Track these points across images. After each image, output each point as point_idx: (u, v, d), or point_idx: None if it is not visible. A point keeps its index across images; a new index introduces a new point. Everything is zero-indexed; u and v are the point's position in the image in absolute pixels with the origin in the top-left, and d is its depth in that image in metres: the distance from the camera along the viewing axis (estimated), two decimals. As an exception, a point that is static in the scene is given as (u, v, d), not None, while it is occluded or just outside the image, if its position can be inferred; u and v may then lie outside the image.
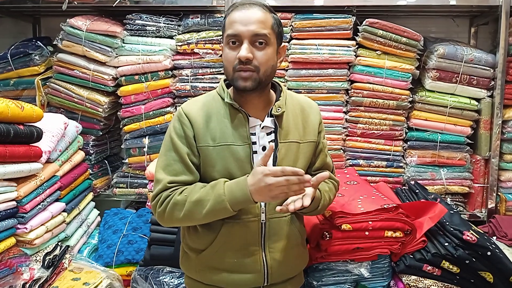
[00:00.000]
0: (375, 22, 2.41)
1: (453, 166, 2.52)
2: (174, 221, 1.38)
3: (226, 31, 1.36)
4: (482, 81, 2.43)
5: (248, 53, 1.31)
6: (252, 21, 1.33)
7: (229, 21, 1.36)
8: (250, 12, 1.34)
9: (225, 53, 1.38)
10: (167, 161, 1.41)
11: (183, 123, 1.41)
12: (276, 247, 1.44)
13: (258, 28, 1.33)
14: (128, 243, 2.24)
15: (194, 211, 1.32)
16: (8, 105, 1.75)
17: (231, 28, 1.34)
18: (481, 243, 1.76)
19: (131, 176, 2.72)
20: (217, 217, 1.35)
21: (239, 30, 1.32)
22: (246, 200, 1.29)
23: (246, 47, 1.32)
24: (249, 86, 1.35)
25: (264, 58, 1.35)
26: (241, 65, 1.33)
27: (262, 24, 1.34)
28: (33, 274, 1.80)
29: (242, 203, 1.31)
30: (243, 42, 1.33)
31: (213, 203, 1.31)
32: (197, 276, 1.48)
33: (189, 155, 1.39)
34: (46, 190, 2.01)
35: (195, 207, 1.32)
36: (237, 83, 1.36)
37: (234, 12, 1.36)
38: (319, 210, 1.48)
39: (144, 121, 2.62)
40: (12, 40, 2.86)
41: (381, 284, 1.90)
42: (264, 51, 1.35)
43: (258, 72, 1.34)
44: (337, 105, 2.54)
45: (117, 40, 2.54)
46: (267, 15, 1.37)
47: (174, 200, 1.35)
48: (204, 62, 2.56)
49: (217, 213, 1.33)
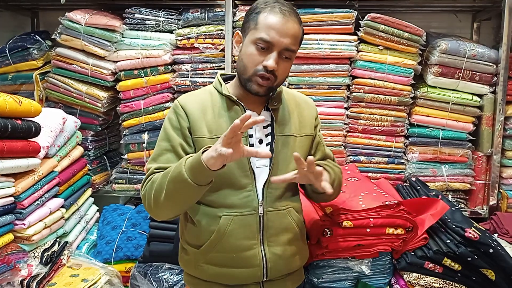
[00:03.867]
0: (377, 17, 2.39)
1: (455, 162, 2.50)
2: (152, 205, 1.34)
3: (259, 32, 1.34)
4: (485, 77, 2.41)
5: (275, 64, 1.33)
6: (289, 34, 1.34)
7: (265, 24, 1.33)
8: (289, 24, 1.34)
9: (249, 52, 1.36)
10: (159, 151, 1.42)
11: (179, 114, 1.42)
12: (275, 241, 1.43)
13: (292, 43, 1.35)
14: (127, 239, 2.23)
15: (161, 184, 1.30)
16: (5, 100, 1.73)
17: (265, 33, 1.33)
18: (483, 240, 1.74)
19: (130, 172, 2.70)
20: (178, 189, 1.27)
21: (275, 39, 1.32)
22: (197, 160, 1.22)
23: (275, 58, 1.33)
24: (262, 92, 1.38)
25: (285, 71, 1.39)
26: (264, 72, 1.34)
27: (295, 40, 1.37)
28: (31, 270, 1.79)
29: (195, 165, 1.23)
30: (273, 51, 1.33)
31: (174, 168, 1.29)
32: (196, 272, 1.47)
33: (182, 146, 1.39)
34: (44, 186, 2.00)
35: (162, 179, 1.31)
36: (251, 86, 1.37)
37: (272, 15, 1.34)
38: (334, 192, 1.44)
39: (144, 116, 2.60)
40: (10, 34, 2.84)
41: (382, 281, 1.89)
42: (287, 64, 1.39)
43: (274, 81, 1.37)
44: (338, 101, 2.52)
45: (116, 34, 2.52)
46: (300, 29, 1.40)
47: (152, 179, 1.35)
48: (204, 57, 2.54)
49: (176, 181, 1.26)
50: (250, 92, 1.39)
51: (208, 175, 1.24)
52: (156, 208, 1.36)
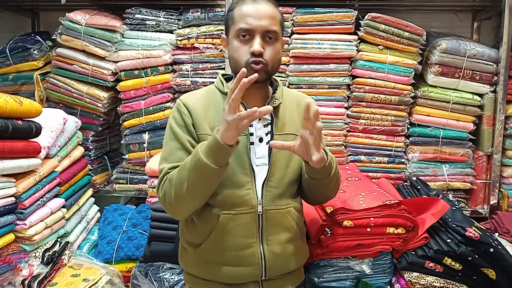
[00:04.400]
0: (377, 16, 2.39)
1: (455, 162, 2.50)
2: (173, 202, 1.35)
3: (237, 25, 1.38)
4: (485, 76, 2.41)
5: (262, 47, 1.35)
6: (265, 16, 1.36)
7: (240, 15, 1.37)
8: (261, 7, 1.37)
9: (235, 47, 1.39)
10: (169, 150, 1.42)
11: (182, 112, 1.43)
12: (274, 240, 1.43)
13: (270, 24, 1.37)
14: (128, 239, 2.23)
15: (181, 177, 1.30)
16: (6, 100, 1.73)
17: (243, 22, 1.36)
18: (483, 239, 1.74)
19: (131, 172, 2.71)
20: (199, 176, 1.28)
21: (253, 24, 1.35)
22: (214, 140, 1.24)
23: (259, 42, 1.35)
24: (260, 78, 1.36)
25: (274, 53, 1.39)
26: (254, 58, 1.35)
27: (273, 20, 1.38)
28: (32, 270, 1.79)
29: (213, 146, 1.25)
30: (255, 36, 1.36)
31: (191, 157, 1.30)
32: (196, 271, 1.47)
33: (190, 142, 1.40)
34: (45, 186, 2.00)
35: (180, 173, 1.31)
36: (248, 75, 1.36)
37: (244, 5, 1.38)
38: (333, 177, 1.43)
39: (144, 116, 2.60)
40: (10, 35, 2.84)
41: (383, 280, 1.89)
42: (273, 46, 1.39)
43: (268, 65, 1.38)
44: (338, 101, 2.52)
45: (116, 35, 2.52)
46: (275, 10, 1.41)
47: (169, 177, 1.36)
48: (205, 57, 2.54)
49: (196, 168, 1.27)
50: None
51: (226, 153, 1.26)
52: (179, 203, 1.35)
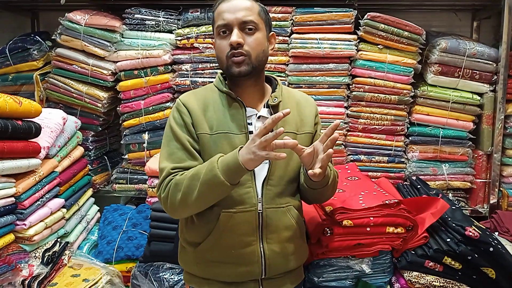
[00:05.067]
0: (377, 16, 2.39)
1: (455, 161, 2.50)
2: (176, 206, 1.36)
3: (216, 23, 1.42)
4: (485, 76, 2.41)
5: (238, 38, 1.37)
6: (239, 8, 1.39)
7: (218, 13, 1.42)
8: (236, 2, 1.40)
9: (217, 44, 1.43)
10: (170, 150, 1.42)
11: (181, 111, 1.44)
12: (274, 238, 1.43)
13: (246, 15, 1.39)
14: (128, 239, 2.24)
15: (191, 187, 1.31)
16: (6, 100, 1.73)
17: (220, 19, 1.40)
18: (483, 239, 1.74)
19: (131, 172, 2.71)
20: (211, 191, 1.31)
21: (228, 18, 1.38)
22: (235, 162, 1.26)
23: (237, 33, 1.38)
24: (244, 70, 1.39)
25: (255, 43, 1.40)
26: (233, 50, 1.37)
27: (249, 11, 1.40)
28: (32, 270, 1.79)
29: (232, 167, 1.27)
30: (233, 29, 1.38)
31: (206, 171, 1.30)
32: (195, 270, 1.48)
33: (190, 142, 1.41)
34: (45, 186, 2.00)
35: (191, 182, 1.32)
36: (231, 69, 1.40)
37: (221, 4, 1.42)
38: (329, 187, 1.46)
39: (144, 116, 2.60)
40: (10, 35, 2.84)
41: (383, 280, 1.89)
42: (254, 36, 1.41)
43: (250, 57, 1.39)
44: (338, 100, 2.52)
45: (116, 35, 2.52)
46: (253, 3, 1.43)
47: (175, 180, 1.36)
48: (204, 56, 2.54)
49: (210, 184, 1.29)
50: (235, 75, 1.40)
51: (243, 174, 1.30)
52: (182, 208, 1.37)
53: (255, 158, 1.24)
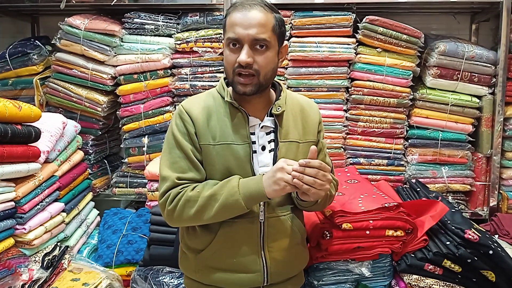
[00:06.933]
0: (375, 19, 2.40)
1: (455, 164, 2.50)
2: (183, 219, 1.36)
3: (227, 33, 1.35)
4: (484, 78, 2.41)
5: (248, 58, 1.31)
6: (253, 24, 1.31)
7: (230, 23, 1.34)
8: (251, 14, 1.32)
9: (225, 55, 1.38)
10: (173, 158, 1.40)
11: (185, 120, 1.41)
12: (275, 246, 1.43)
13: (259, 32, 1.31)
14: (128, 243, 2.23)
15: (207, 206, 1.31)
16: (5, 105, 1.74)
17: (231, 31, 1.33)
18: (483, 241, 1.74)
19: (131, 176, 2.71)
20: (228, 213, 1.34)
21: (240, 34, 1.31)
22: (259, 193, 1.29)
23: (246, 52, 1.31)
24: (249, 91, 1.35)
25: (264, 62, 1.34)
26: (240, 68, 1.32)
27: (262, 28, 1.32)
28: (32, 274, 1.79)
29: (255, 196, 1.30)
30: (243, 45, 1.32)
31: (226, 195, 1.30)
32: (196, 276, 1.47)
33: (193, 151, 1.39)
34: (45, 190, 2.00)
35: (208, 202, 1.31)
36: (236, 88, 1.37)
37: (235, 13, 1.34)
38: (320, 204, 1.47)
39: (143, 120, 2.61)
40: (10, 40, 2.85)
41: (382, 283, 1.89)
42: (265, 55, 1.34)
43: (259, 76, 1.34)
44: (337, 103, 2.52)
45: (115, 39, 2.53)
46: (268, 16, 1.34)
47: (186, 196, 1.34)
48: (203, 60, 2.55)
49: (229, 207, 1.31)
50: (239, 93, 1.37)
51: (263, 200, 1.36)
52: (190, 222, 1.39)
53: (281, 189, 1.28)
